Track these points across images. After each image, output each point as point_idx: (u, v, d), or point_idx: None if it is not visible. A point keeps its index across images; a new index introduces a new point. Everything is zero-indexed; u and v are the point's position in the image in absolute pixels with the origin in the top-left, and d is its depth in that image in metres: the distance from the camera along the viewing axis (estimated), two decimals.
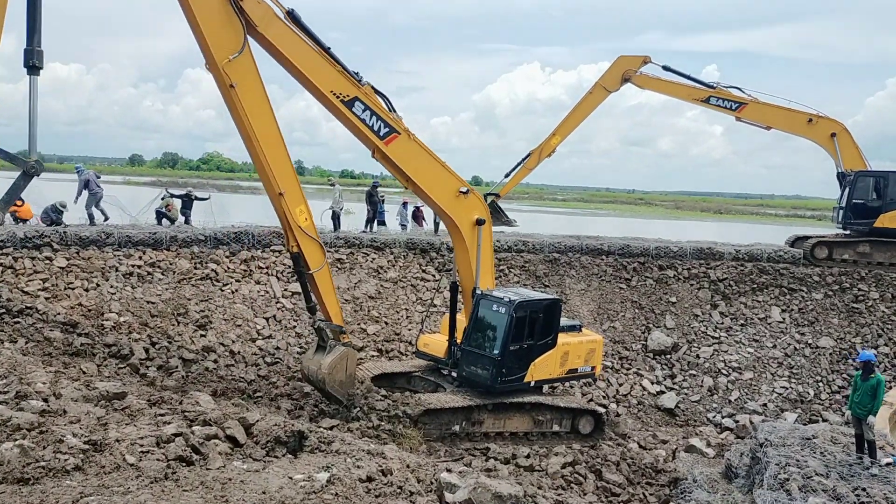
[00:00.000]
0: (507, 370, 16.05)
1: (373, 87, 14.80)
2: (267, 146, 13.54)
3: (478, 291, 16.48)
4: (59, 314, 17.09)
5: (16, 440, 5.01)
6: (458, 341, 16.86)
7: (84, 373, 11.53)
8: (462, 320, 17.09)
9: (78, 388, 6.54)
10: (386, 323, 21.86)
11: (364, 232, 25.94)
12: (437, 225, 29.72)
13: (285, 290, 21.44)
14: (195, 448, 5.46)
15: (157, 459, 5.11)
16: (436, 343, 17.53)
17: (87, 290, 18.64)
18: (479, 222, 16.32)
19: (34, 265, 18.47)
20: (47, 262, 18.74)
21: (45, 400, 6.31)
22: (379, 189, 27.95)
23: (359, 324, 21.46)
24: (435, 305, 22.42)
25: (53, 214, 21.31)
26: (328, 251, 23.11)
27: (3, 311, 16.11)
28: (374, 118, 14.64)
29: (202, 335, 18.99)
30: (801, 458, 13.10)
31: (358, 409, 15.19)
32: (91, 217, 22.26)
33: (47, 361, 10.73)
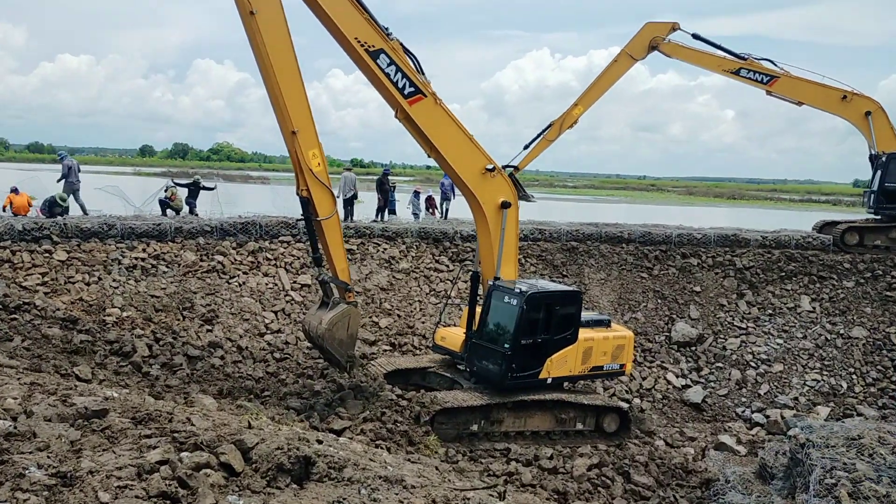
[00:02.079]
0: (518, 366, 15.07)
1: (402, 45, 14.07)
2: (284, 80, 12.90)
3: (491, 281, 15.57)
4: (58, 310, 16.34)
5: None
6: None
7: (77, 378, 10.77)
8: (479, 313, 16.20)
9: (53, 403, 5.69)
10: (399, 316, 21.02)
11: (375, 221, 25.08)
12: (446, 212, 28.83)
13: (294, 282, 20.62)
14: (182, 481, 4.59)
15: (137, 496, 4.25)
16: (453, 337, 16.63)
17: (88, 284, 17.88)
18: (505, 205, 15.38)
19: (33, 259, 17.73)
20: (46, 255, 17.99)
21: (15, 419, 5.49)
22: (390, 177, 27.06)
23: (370, 317, 20.63)
24: (449, 297, 21.57)
25: (55, 208, 20.58)
26: None
27: (0, 307, 15.38)
28: (399, 74, 13.92)
29: (208, 330, 18.21)
30: (847, 460, 12.18)
31: (354, 372, 14.66)
32: (82, 206, 21.75)
33: (35, 366, 9.94)
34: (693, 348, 22.17)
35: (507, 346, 14.98)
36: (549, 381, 15.68)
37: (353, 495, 4.87)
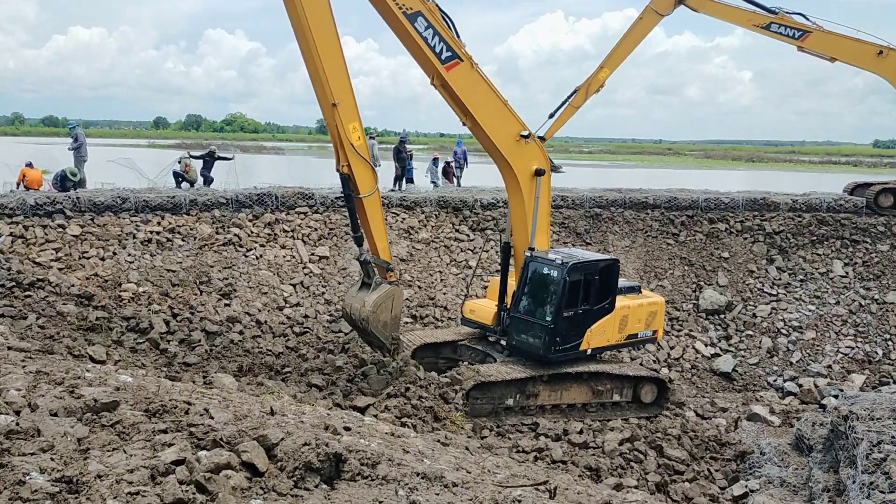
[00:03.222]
0: (562, 338, 14.66)
1: (439, 7, 13.48)
2: (324, 51, 12.39)
3: (527, 252, 15.05)
4: (73, 286, 16.00)
5: None
6: (508, 307, 15.52)
7: (92, 359, 10.39)
8: (512, 284, 15.72)
9: (60, 395, 5.24)
10: (419, 287, 20.54)
11: (392, 190, 24.49)
12: (458, 179, 28.11)
13: (312, 254, 20.17)
14: (200, 485, 4.11)
15: None
16: (482, 309, 16.16)
17: (102, 259, 17.52)
18: (539, 172, 14.80)
19: (46, 234, 17.37)
20: (60, 230, 17.62)
21: (18, 412, 5.04)
22: (407, 144, 26.40)
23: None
24: (470, 267, 21.05)
25: (66, 182, 20.18)
26: None
27: (14, 284, 15.02)
28: (436, 38, 13.32)
29: (226, 304, 17.83)
30: (895, 433, 11.62)
31: (397, 356, 14.25)
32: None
33: (47, 347, 9.55)
34: (722, 316, 21.57)
35: (548, 318, 14.56)
36: (589, 352, 15.33)
37: (390, 497, 4.40)
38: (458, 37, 13.71)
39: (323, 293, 19.38)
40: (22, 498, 3.78)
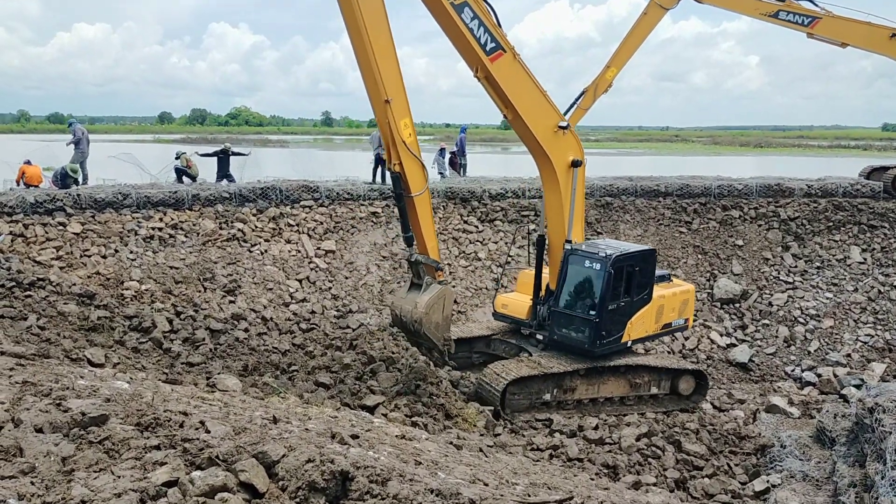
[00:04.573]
0: (607, 332, 14.48)
1: None
2: (379, 47, 12.03)
3: (567, 245, 14.76)
4: (74, 285, 15.63)
5: None
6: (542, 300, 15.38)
7: (90, 362, 10.02)
8: (545, 277, 15.48)
9: (46, 408, 4.87)
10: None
11: None
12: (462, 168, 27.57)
13: (318, 248, 19.80)
14: None
15: None
16: (516, 303, 15.85)
17: (104, 256, 17.19)
18: (575, 164, 14.48)
19: (46, 232, 17.04)
20: (60, 228, 17.30)
21: (0, 428, 4.63)
22: None
23: (398, 282, 19.79)
24: (479, 259, 20.66)
25: (67, 179, 19.85)
26: (361, 204, 21.39)
27: (14, 284, 14.68)
28: (481, 29, 12.95)
29: (231, 301, 17.49)
30: None
31: (450, 356, 14.04)
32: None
33: (43, 351, 9.20)
34: (737, 305, 21.12)
35: (593, 312, 14.39)
36: (630, 344, 15.19)
37: None
38: (500, 26, 13.32)
39: (329, 288, 19.02)
40: None
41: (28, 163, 20.98)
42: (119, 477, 4.12)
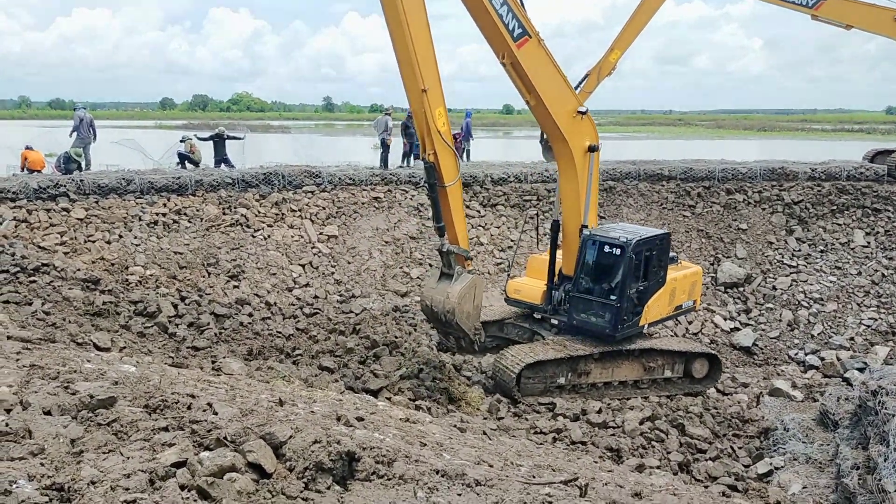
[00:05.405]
0: (627, 316, 14.60)
1: None
2: (417, 36, 12.02)
3: (585, 230, 14.77)
4: (79, 270, 15.66)
5: None
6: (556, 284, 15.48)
7: (96, 347, 10.07)
8: (558, 262, 15.57)
9: (54, 391, 4.90)
10: (430, 265, 20.15)
11: (401, 167, 24.03)
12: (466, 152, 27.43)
13: (321, 233, 19.81)
14: (202, 491, 3.75)
15: None
16: (529, 288, 15.88)
17: (108, 242, 17.21)
18: (592, 149, 14.48)
19: (50, 217, 17.05)
20: (64, 213, 17.31)
21: (9, 411, 4.71)
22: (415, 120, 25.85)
23: (401, 267, 19.82)
24: (481, 244, 20.65)
25: (70, 164, 19.84)
26: (363, 189, 21.37)
27: (18, 269, 14.71)
28: (510, 14, 12.90)
29: (235, 286, 17.52)
30: None
31: (479, 345, 14.20)
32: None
33: (49, 335, 9.24)
34: (741, 289, 21.12)
35: (614, 297, 14.45)
36: (646, 327, 15.34)
37: (408, 498, 4.04)
38: (525, 10, 13.24)
39: (332, 273, 19.05)
40: None
41: (29, 148, 20.96)
42: (128, 458, 4.15)
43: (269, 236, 19.11)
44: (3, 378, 5.21)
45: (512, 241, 20.65)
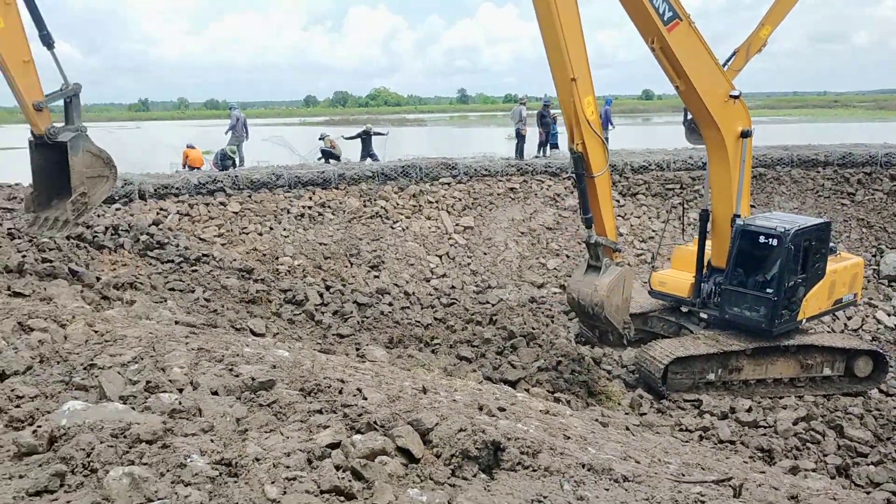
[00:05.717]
0: (784, 310, 13.89)
1: None
2: (568, 26, 11.99)
3: (739, 220, 14.11)
4: (234, 260, 16.78)
5: (131, 462, 3.72)
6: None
7: (252, 332, 10.74)
8: (707, 253, 14.95)
9: (220, 373, 5.27)
10: (567, 256, 19.96)
11: (537, 157, 23.89)
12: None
13: (457, 224, 20.08)
14: (356, 472, 3.91)
15: (308, 491, 3.59)
16: (675, 281, 15.38)
17: (260, 234, 18.30)
18: (745, 134, 13.81)
19: (209, 211, 18.34)
20: (221, 207, 18.56)
21: (181, 390, 5.07)
22: (551, 109, 25.58)
23: (537, 258, 19.73)
24: (621, 235, 20.12)
25: (226, 161, 21.26)
26: (499, 180, 21.43)
27: (182, 259, 15.95)
28: None
29: (375, 276, 18.13)
30: None
31: (629, 339, 13.98)
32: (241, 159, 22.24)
33: (211, 321, 9.96)
34: None
35: (770, 290, 13.79)
36: (804, 322, 14.59)
37: (554, 490, 4.02)
38: None
39: (469, 263, 19.26)
40: (183, 481, 3.72)
41: (191, 147, 22.63)
42: (288, 438, 4.39)
43: (407, 227, 19.61)
44: (175, 360, 5.66)
45: (653, 231, 20.05)
